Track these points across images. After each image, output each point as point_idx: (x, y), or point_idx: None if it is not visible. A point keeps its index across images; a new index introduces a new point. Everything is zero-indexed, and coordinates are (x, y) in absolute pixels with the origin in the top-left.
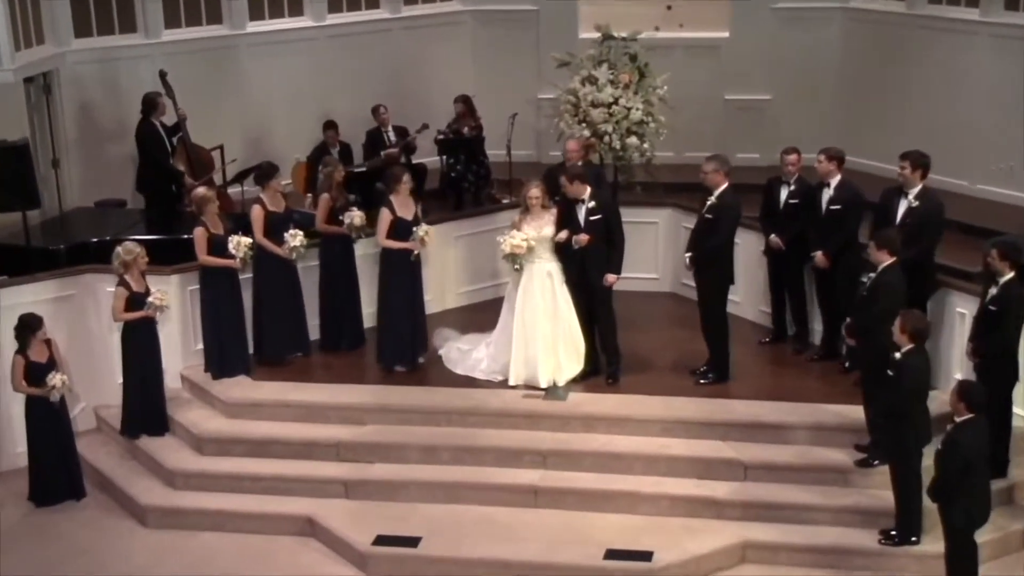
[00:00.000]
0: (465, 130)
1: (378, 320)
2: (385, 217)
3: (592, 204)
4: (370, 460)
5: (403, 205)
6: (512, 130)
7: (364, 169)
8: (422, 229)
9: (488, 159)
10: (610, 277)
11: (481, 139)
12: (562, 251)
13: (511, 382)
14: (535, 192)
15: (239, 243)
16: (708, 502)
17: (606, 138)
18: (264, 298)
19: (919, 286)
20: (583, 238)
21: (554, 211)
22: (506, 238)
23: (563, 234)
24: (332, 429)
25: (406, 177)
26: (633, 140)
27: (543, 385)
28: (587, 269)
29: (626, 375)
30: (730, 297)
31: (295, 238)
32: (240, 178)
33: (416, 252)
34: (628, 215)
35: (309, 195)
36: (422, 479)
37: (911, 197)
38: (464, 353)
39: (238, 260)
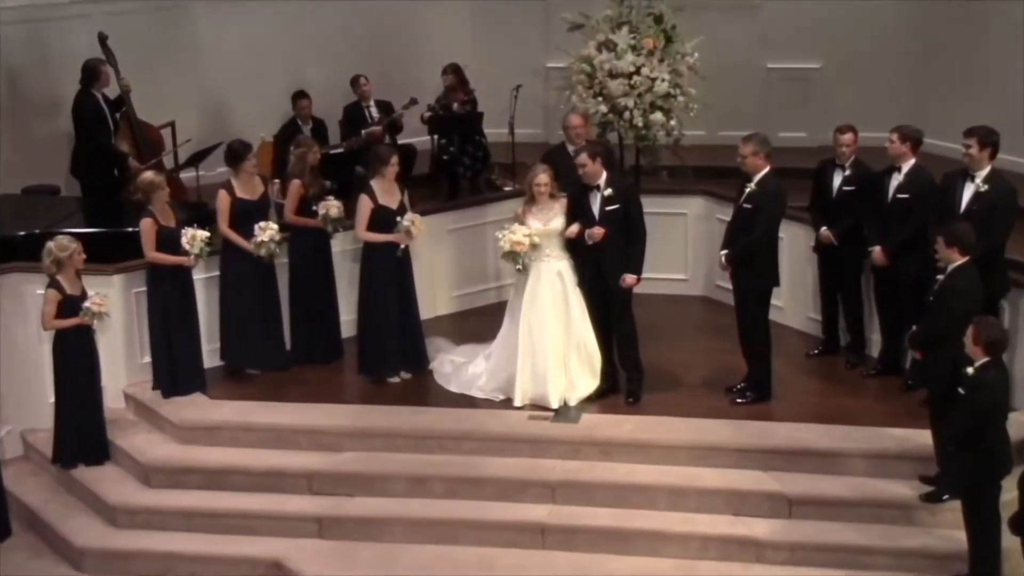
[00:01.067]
0: (455, 106)
1: (359, 328)
2: (364, 205)
3: (609, 191)
4: (349, 493)
5: (387, 191)
6: (515, 105)
7: (342, 150)
8: (408, 218)
9: (486, 139)
10: (629, 278)
11: (478, 115)
12: (573, 248)
13: (515, 402)
14: (543, 178)
15: (194, 237)
16: (746, 543)
17: (626, 114)
18: (230, 301)
19: (988, 286)
20: (597, 232)
21: (564, 200)
22: (506, 233)
23: (574, 228)
24: (304, 456)
25: (394, 159)
26: (658, 116)
27: (553, 405)
28: (602, 269)
29: (649, 393)
30: (773, 302)
31: (265, 231)
32: (194, 161)
33: (403, 246)
34: (652, 205)
35: (276, 181)
36: (410, 516)
37: (978, 181)
38: (459, 367)
39: (192, 257)
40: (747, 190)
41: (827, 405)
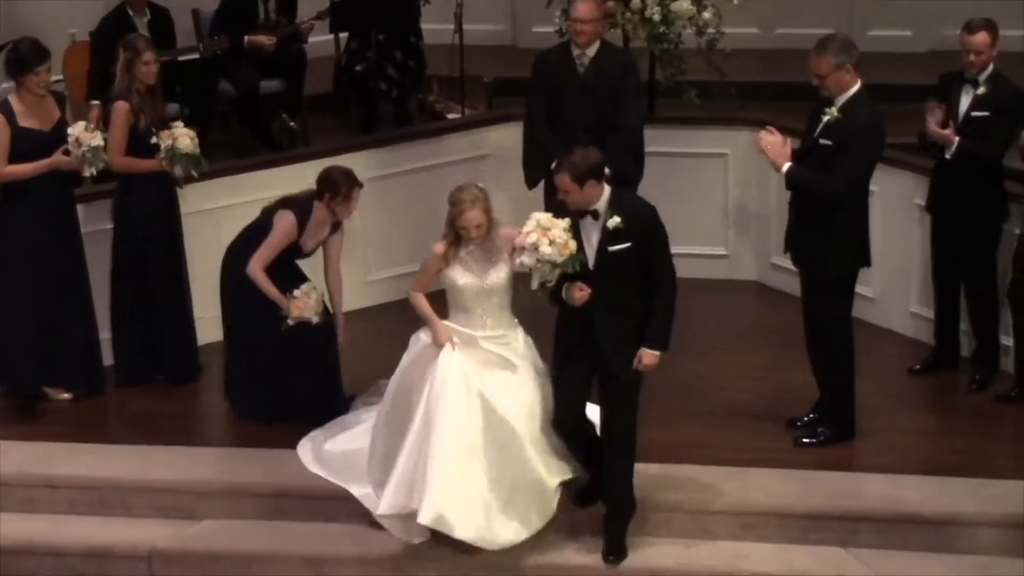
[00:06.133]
0: None
1: (226, 333)
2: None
3: (615, 221)
4: None
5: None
6: None
7: (197, 56)
8: (304, 289)
9: (423, 42)
10: (647, 356)
11: (410, 6)
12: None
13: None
14: (473, 217)
15: None
16: None
17: (634, 1)
18: (6, 292)
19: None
20: (579, 295)
21: (509, 235)
22: (535, 233)
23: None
24: (140, 528)
25: (355, 194)
26: (684, 6)
27: (460, 535)
28: (599, 343)
29: (675, 426)
30: (859, 290)
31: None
32: None
33: None
34: (676, 142)
35: (95, 104)
36: None
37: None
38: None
39: None
40: (824, 119)
41: (940, 448)
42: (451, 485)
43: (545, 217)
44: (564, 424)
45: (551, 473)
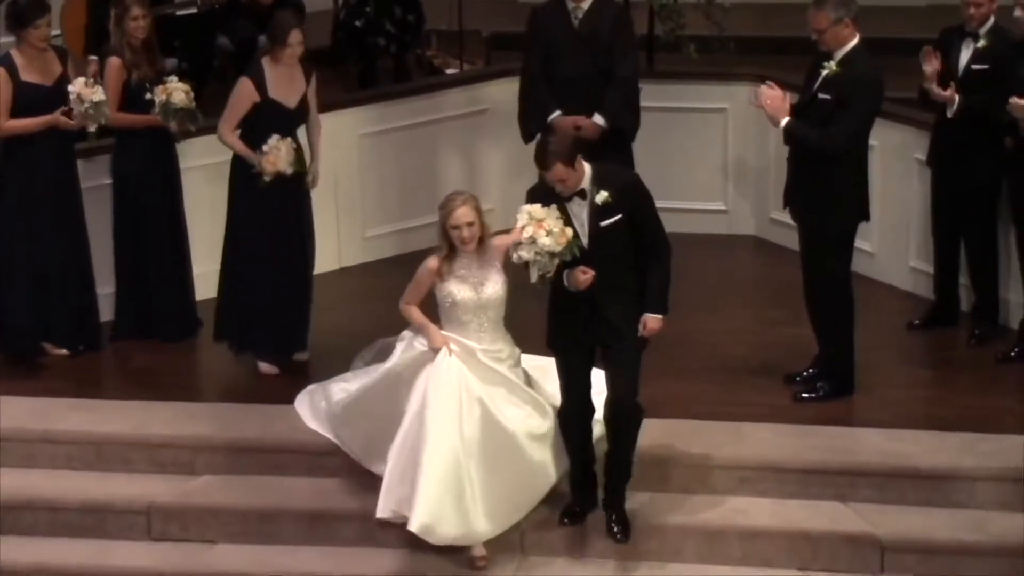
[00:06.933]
0: None
1: (221, 283)
2: (244, 93)
3: (604, 195)
4: (208, 539)
5: (283, 80)
6: None
7: (195, 10)
8: (271, 144)
9: None
10: (651, 320)
11: None
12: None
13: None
14: (462, 214)
15: None
16: None
17: None
18: (4, 247)
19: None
20: (583, 278)
21: (501, 244)
22: (529, 225)
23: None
24: (139, 483)
25: (295, 36)
26: None
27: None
28: (605, 315)
29: (673, 382)
30: (858, 245)
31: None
32: None
33: (266, 178)
34: (674, 97)
35: (92, 59)
36: (305, 573)
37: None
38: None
39: None
40: (823, 73)
41: (939, 402)
42: (440, 497)
43: (535, 208)
44: (569, 412)
45: (538, 484)
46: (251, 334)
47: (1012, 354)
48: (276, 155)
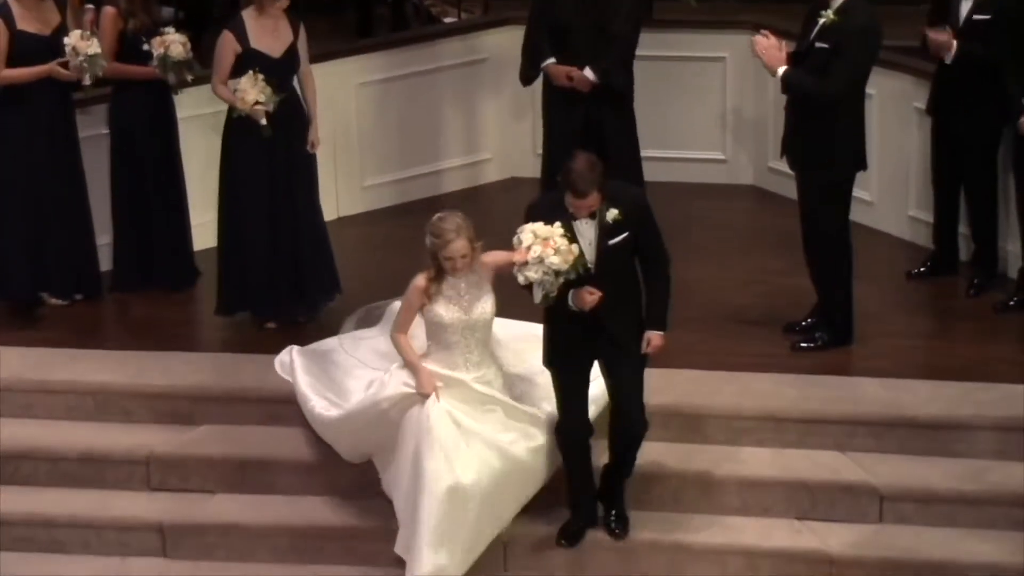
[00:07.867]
0: None
1: (220, 240)
2: (224, 45)
3: (614, 214)
4: (207, 489)
5: (267, 30)
6: None
7: None
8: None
9: None
10: (654, 337)
11: None
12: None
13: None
14: (458, 247)
15: None
16: (815, 561)
17: None
18: (1, 198)
19: None
20: (589, 298)
21: (492, 261)
22: (534, 243)
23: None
24: (138, 433)
25: None
26: None
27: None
28: (609, 330)
29: (673, 331)
30: (857, 194)
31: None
32: None
33: (262, 122)
34: (672, 45)
35: (89, 7)
36: (302, 523)
37: None
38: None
39: None
40: (820, 21)
41: (938, 352)
42: (436, 548)
43: (539, 227)
44: (569, 430)
45: (535, 483)
46: (251, 297)
47: (1011, 303)
48: (248, 90)
